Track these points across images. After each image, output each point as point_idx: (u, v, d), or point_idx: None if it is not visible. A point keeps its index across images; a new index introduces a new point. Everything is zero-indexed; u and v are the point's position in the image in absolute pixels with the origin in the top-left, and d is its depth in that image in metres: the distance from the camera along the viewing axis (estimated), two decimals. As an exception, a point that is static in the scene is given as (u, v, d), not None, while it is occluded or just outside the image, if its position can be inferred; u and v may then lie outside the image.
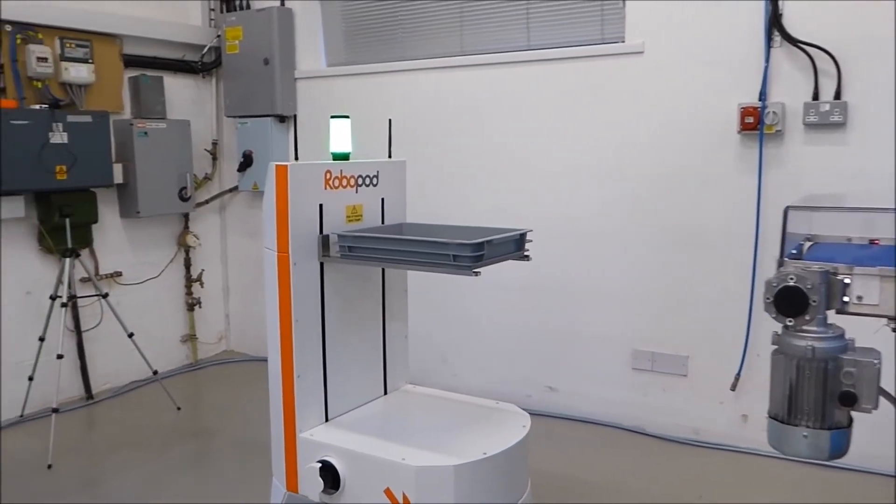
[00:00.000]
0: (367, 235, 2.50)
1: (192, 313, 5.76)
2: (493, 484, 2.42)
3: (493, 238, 2.35)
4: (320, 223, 2.57)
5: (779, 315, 1.75)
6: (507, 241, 2.48)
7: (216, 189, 5.85)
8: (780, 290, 1.73)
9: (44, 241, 4.69)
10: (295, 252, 2.49)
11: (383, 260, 2.45)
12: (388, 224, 2.85)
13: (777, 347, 1.80)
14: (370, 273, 2.81)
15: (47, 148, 4.45)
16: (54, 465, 3.97)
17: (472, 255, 2.25)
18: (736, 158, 4.02)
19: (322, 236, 2.56)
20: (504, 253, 2.48)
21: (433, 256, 2.31)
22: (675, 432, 4.31)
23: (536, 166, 4.59)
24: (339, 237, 2.53)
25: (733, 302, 4.08)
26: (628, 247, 4.36)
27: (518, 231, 2.53)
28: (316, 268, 2.57)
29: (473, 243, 2.25)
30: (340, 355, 2.69)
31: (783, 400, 1.77)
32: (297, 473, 2.57)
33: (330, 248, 2.57)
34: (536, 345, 4.69)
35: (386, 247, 2.44)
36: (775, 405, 1.79)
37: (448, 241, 2.29)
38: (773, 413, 1.80)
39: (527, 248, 2.58)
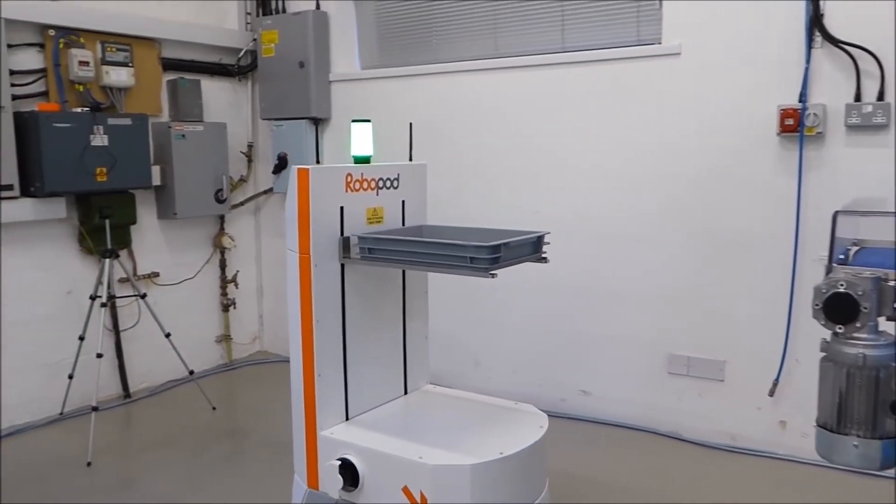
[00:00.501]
0: (386, 237, 2.53)
1: (226, 314, 5.82)
2: (509, 484, 2.44)
3: (510, 240, 2.37)
4: (341, 225, 2.59)
5: (828, 322, 1.72)
6: (525, 244, 2.50)
7: (251, 191, 5.91)
8: (830, 296, 1.69)
9: (84, 241, 4.77)
10: (316, 253, 2.52)
11: (402, 262, 2.48)
12: (408, 226, 2.86)
13: (826, 355, 1.77)
14: (391, 274, 2.83)
15: (88, 150, 4.53)
16: (94, 463, 4.03)
17: (489, 257, 2.26)
18: (775, 161, 3.97)
19: (343, 238, 2.59)
20: (521, 255, 2.49)
21: (451, 258, 2.34)
22: (712, 438, 4.26)
23: (572, 169, 4.57)
24: (360, 239, 2.56)
25: (772, 306, 4.03)
26: (665, 250, 4.32)
27: (535, 233, 2.54)
28: (337, 269, 2.60)
29: (490, 245, 2.27)
30: (361, 355, 2.71)
31: (832, 409, 1.73)
32: (317, 471, 2.60)
33: (350, 250, 2.59)
34: (570, 348, 4.67)
35: (405, 248, 2.46)
36: (824, 414, 1.76)
37: (465, 244, 2.32)
38: (822, 422, 1.77)
39: (544, 250, 2.59)
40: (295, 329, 2.59)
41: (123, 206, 4.86)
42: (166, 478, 3.90)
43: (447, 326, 4.78)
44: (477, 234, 2.63)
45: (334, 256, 2.59)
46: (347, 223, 2.61)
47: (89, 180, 4.56)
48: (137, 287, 4.77)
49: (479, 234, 2.62)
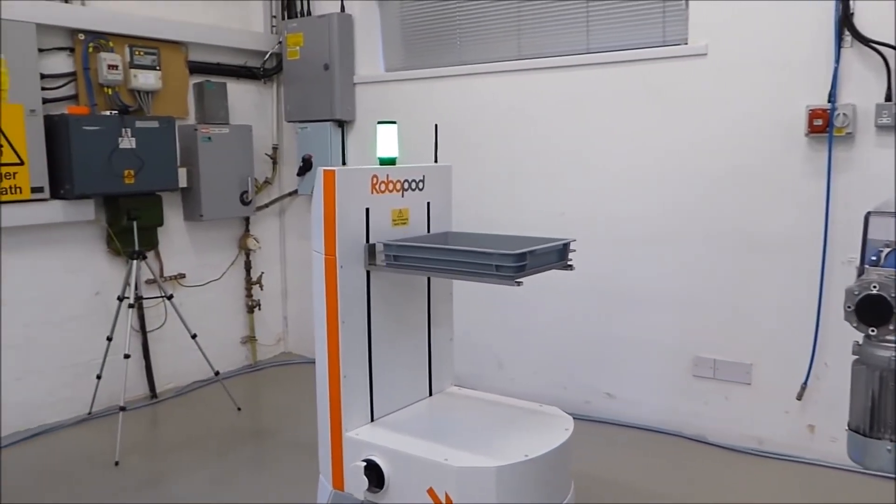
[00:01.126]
0: (412, 245, 2.53)
1: (251, 315, 5.86)
2: (534, 486, 2.43)
3: (536, 248, 2.38)
4: (367, 227, 2.60)
5: (860, 324, 1.69)
6: (551, 251, 2.51)
7: (276, 193, 5.95)
8: (863, 298, 1.67)
9: (112, 243, 4.83)
10: (342, 255, 2.53)
11: (427, 269, 2.49)
12: (434, 233, 2.87)
13: (858, 358, 1.75)
14: (416, 277, 2.83)
15: (116, 153, 4.58)
16: (121, 463, 4.08)
17: (515, 265, 2.28)
18: (803, 162, 3.92)
19: (368, 245, 2.60)
20: (547, 263, 2.50)
21: (477, 266, 2.35)
22: (738, 442, 4.21)
23: (597, 171, 4.55)
24: (385, 246, 2.57)
25: (799, 309, 3.98)
26: (691, 251, 4.29)
27: (561, 241, 2.55)
28: (362, 271, 2.61)
29: (516, 254, 2.28)
30: (386, 357, 2.72)
31: (865, 412, 1.70)
32: (342, 472, 2.61)
33: (376, 257, 2.60)
34: (595, 351, 4.64)
35: (430, 256, 2.47)
36: (856, 417, 1.73)
37: (491, 252, 2.33)
38: (854, 426, 1.74)
39: (570, 257, 2.59)
40: (320, 330, 2.60)
41: (150, 207, 4.92)
42: (192, 477, 3.94)
43: (470, 328, 4.77)
44: (502, 241, 2.63)
45: (360, 258, 2.60)
46: (373, 225, 2.62)
47: (117, 182, 4.62)
48: (164, 288, 4.82)
49: (504, 241, 2.63)
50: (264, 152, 5.81)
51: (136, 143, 4.67)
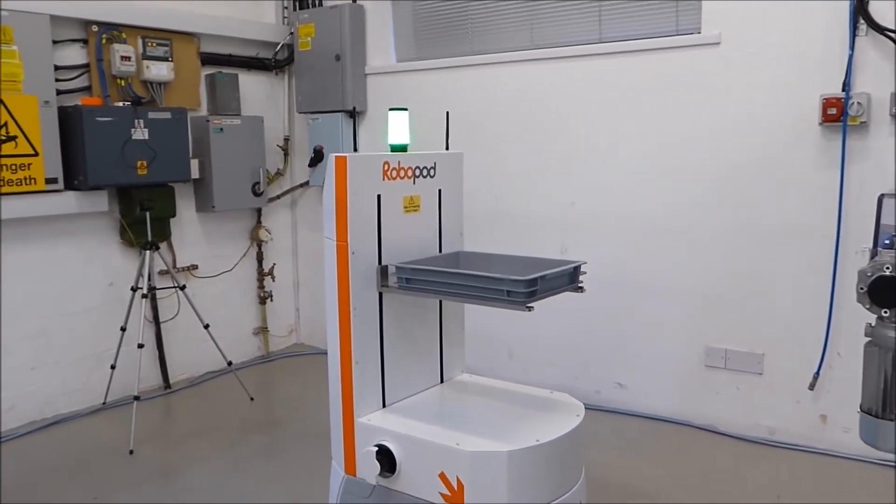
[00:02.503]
0: (424, 268, 2.55)
1: (263, 306, 5.89)
2: (545, 471, 2.44)
3: (547, 273, 2.40)
4: (378, 213, 2.60)
5: (873, 306, 1.69)
6: (562, 275, 2.52)
7: (287, 184, 5.97)
8: (875, 280, 1.66)
9: (125, 234, 4.86)
10: (353, 241, 2.53)
11: (439, 293, 2.52)
12: (445, 253, 2.88)
13: (870, 339, 1.74)
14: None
15: (129, 144, 4.61)
16: (136, 452, 4.11)
17: (526, 290, 2.30)
18: (817, 151, 3.90)
19: (381, 267, 2.62)
20: (558, 287, 2.53)
21: (488, 291, 2.38)
22: (749, 432, 4.20)
23: (609, 161, 4.54)
24: (398, 269, 2.59)
25: (812, 299, 3.96)
26: (703, 241, 4.28)
27: (572, 264, 2.57)
28: (374, 258, 2.61)
29: (527, 280, 2.30)
30: (397, 343, 2.73)
31: (877, 394, 1.70)
32: (354, 457, 2.62)
33: (388, 279, 2.63)
34: (606, 341, 4.64)
35: (442, 280, 2.50)
36: (868, 399, 1.73)
37: (502, 277, 2.35)
38: (867, 407, 1.74)
39: (581, 280, 2.62)
40: (332, 317, 2.61)
41: (163, 199, 4.94)
42: (206, 466, 3.97)
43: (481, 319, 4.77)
44: (514, 263, 2.67)
45: (372, 245, 2.61)
46: (384, 212, 2.63)
47: (130, 173, 4.64)
48: (177, 279, 4.85)
49: (516, 263, 2.67)
50: (276, 143, 5.83)
51: (148, 135, 4.70)
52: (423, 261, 2.68)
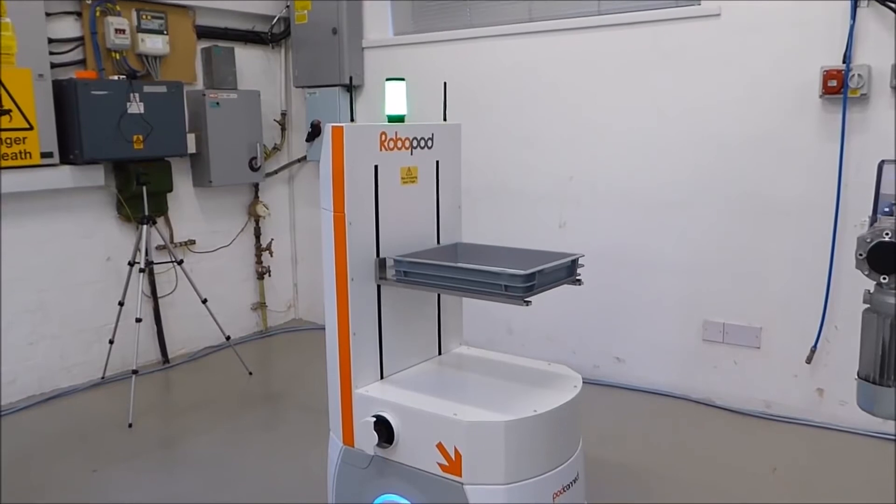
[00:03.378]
0: (422, 262, 2.55)
1: (261, 282, 5.89)
2: (543, 441, 2.44)
3: (545, 267, 2.41)
4: (375, 184, 2.58)
5: (872, 272, 1.68)
6: (559, 269, 2.53)
7: (285, 159, 5.94)
8: (875, 246, 1.65)
9: (122, 209, 4.84)
10: (351, 212, 2.52)
11: (437, 286, 2.52)
12: (443, 245, 2.87)
13: (869, 306, 1.74)
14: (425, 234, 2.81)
15: (125, 118, 4.58)
16: (135, 425, 4.12)
17: (524, 285, 2.31)
18: (817, 124, 3.88)
19: (379, 259, 2.61)
20: (556, 280, 2.53)
21: (486, 285, 2.38)
22: (746, 405, 4.22)
23: (607, 134, 4.51)
24: (395, 262, 2.58)
25: (810, 273, 3.96)
26: (701, 215, 4.27)
27: (570, 257, 2.58)
28: (371, 228, 2.60)
29: (525, 274, 2.30)
30: (395, 315, 2.72)
31: (875, 360, 1.70)
32: (352, 428, 2.63)
33: (387, 271, 2.62)
34: (604, 315, 4.64)
35: (440, 273, 2.50)
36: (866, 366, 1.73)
37: (500, 271, 2.36)
38: (864, 374, 1.74)
39: (579, 273, 2.63)
40: (330, 288, 2.60)
41: (160, 173, 4.92)
42: (206, 438, 3.98)
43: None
44: (512, 255, 2.68)
45: (369, 216, 2.59)
46: (382, 183, 2.61)
47: (126, 148, 4.62)
48: (174, 254, 4.83)
49: (514, 255, 2.67)
50: (273, 118, 5.79)
51: (144, 109, 4.66)
52: (421, 253, 2.67)
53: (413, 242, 2.76)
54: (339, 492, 2.72)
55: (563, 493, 2.52)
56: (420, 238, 2.81)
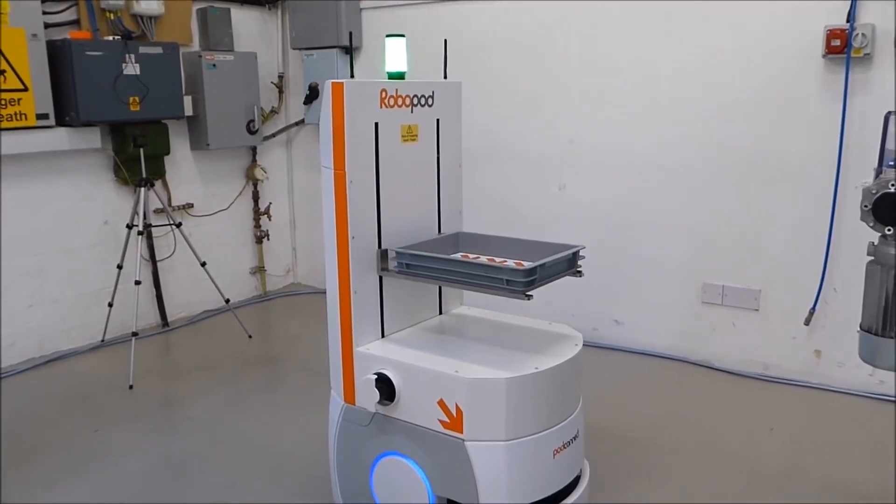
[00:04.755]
0: (423, 254, 2.55)
1: (260, 246, 5.87)
2: (543, 398, 2.45)
3: (546, 261, 2.42)
4: (376, 142, 2.56)
5: (877, 224, 1.67)
6: (560, 262, 2.54)
7: (282, 122, 5.89)
8: (880, 197, 1.65)
9: (119, 172, 4.81)
10: (351, 169, 2.50)
11: (439, 279, 2.54)
12: (444, 235, 2.86)
13: (873, 259, 1.73)
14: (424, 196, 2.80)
15: (121, 79, 4.53)
16: (135, 387, 4.14)
17: (525, 280, 2.33)
18: (819, 84, 3.85)
19: (381, 251, 2.61)
20: (557, 272, 2.55)
21: (487, 279, 2.40)
22: (744, 367, 4.24)
23: (607, 96, 4.48)
24: (397, 254, 2.58)
25: (810, 235, 3.96)
26: (702, 177, 4.25)
27: (570, 249, 2.58)
28: (372, 185, 2.58)
29: (525, 269, 2.32)
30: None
31: (877, 312, 1.70)
32: (353, 386, 2.63)
33: (388, 263, 2.62)
34: (603, 278, 4.64)
35: (442, 266, 2.51)
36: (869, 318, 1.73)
37: (501, 266, 2.41)
38: (867, 326, 1.74)
39: (580, 264, 2.64)
40: (330, 247, 2.59)
41: (157, 136, 4.88)
42: (207, 399, 4.00)
43: (479, 256, 4.78)
44: (513, 246, 2.71)
45: (369, 174, 2.57)
46: (382, 141, 2.59)
47: (123, 109, 4.57)
48: (172, 217, 4.81)
49: (515, 246, 2.70)
50: (270, 80, 5.73)
51: (140, 70, 4.61)
52: (422, 245, 2.68)
53: (413, 203, 2.75)
54: (341, 449, 2.73)
55: (563, 450, 2.54)
56: (421, 198, 2.79)
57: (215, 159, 5.48)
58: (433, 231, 2.87)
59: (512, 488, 2.41)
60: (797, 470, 3.18)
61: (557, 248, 2.58)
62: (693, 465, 3.24)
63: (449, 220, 2.93)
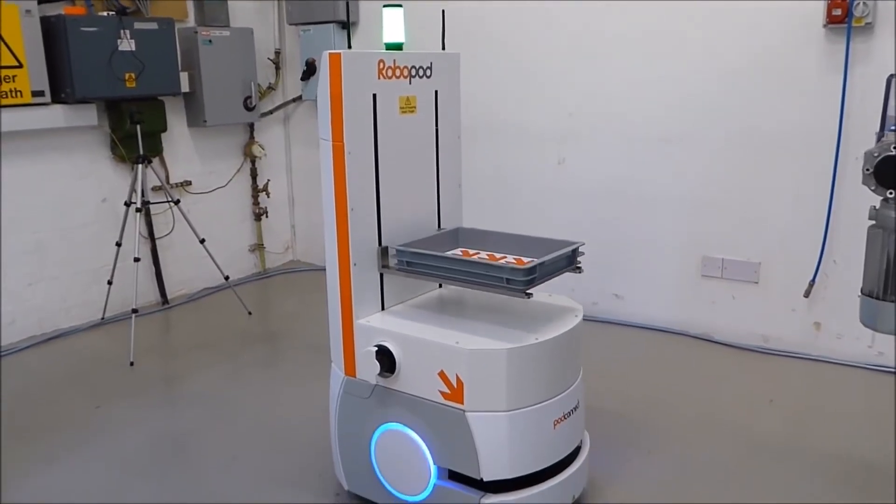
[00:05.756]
0: (424, 252, 2.56)
1: (259, 223, 5.86)
2: (544, 369, 2.46)
3: (545, 259, 2.44)
4: (374, 113, 2.54)
5: (879, 187, 1.66)
6: (560, 259, 2.54)
7: (280, 99, 5.86)
8: (882, 160, 1.63)
9: (116, 149, 4.78)
10: (349, 141, 2.48)
11: (439, 276, 2.56)
12: (444, 231, 2.86)
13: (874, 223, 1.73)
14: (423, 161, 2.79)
15: (116, 55, 4.49)
16: (136, 363, 4.14)
17: (525, 279, 2.35)
18: (820, 55, 3.82)
19: (381, 248, 2.61)
20: (557, 269, 2.55)
21: (487, 277, 2.43)
22: (744, 340, 4.25)
23: (606, 68, 4.44)
24: (398, 252, 2.59)
25: (810, 206, 3.95)
26: (701, 150, 4.23)
27: (570, 246, 2.59)
28: (371, 157, 2.56)
29: (525, 268, 2.34)
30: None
31: (879, 275, 1.69)
32: (354, 359, 2.63)
33: (389, 260, 2.63)
34: (603, 252, 4.62)
35: (443, 265, 2.53)
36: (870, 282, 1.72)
37: (502, 265, 2.43)
38: (868, 290, 1.74)
39: (579, 261, 2.65)
40: (329, 219, 2.58)
41: (153, 112, 4.85)
42: (207, 376, 4.00)
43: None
44: (513, 242, 2.72)
45: (368, 145, 2.56)
46: (380, 112, 2.57)
47: (118, 86, 4.54)
48: (170, 193, 4.79)
49: (515, 242, 2.71)
50: (267, 57, 5.69)
51: (135, 46, 4.57)
52: (423, 242, 2.68)
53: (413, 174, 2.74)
54: (342, 422, 2.74)
55: (563, 420, 2.54)
56: (419, 171, 2.78)
57: (213, 136, 5.45)
58: (432, 202, 2.86)
59: (513, 458, 2.43)
60: (796, 440, 3.20)
61: (557, 245, 2.60)
62: (693, 436, 3.25)
63: (448, 194, 2.91)
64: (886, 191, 1.64)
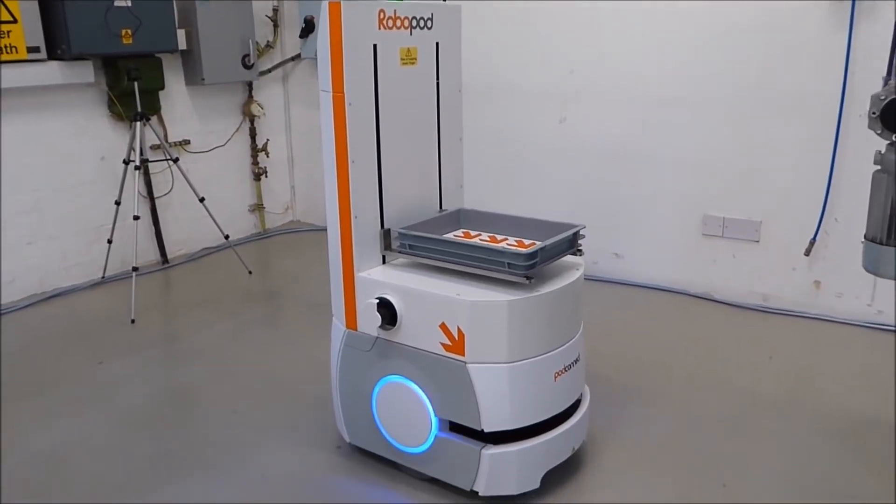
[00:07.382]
0: (426, 236, 2.56)
1: (258, 183, 5.84)
2: (545, 321, 2.46)
3: (546, 244, 2.44)
4: (375, 64, 2.52)
5: (885, 131, 1.65)
6: (561, 242, 2.56)
7: (278, 57, 5.79)
8: (889, 103, 1.62)
9: (114, 107, 4.74)
10: (350, 92, 2.46)
11: (442, 259, 2.56)
12: (445, 212, 2.85)
13: (879, 168, 1.71)
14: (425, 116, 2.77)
15: (112, 11, 4.43)
16: (137, 321, 4.15)
17: (526, 263, 2.36)
18: (825, 12, 3.77)
19: (384, 230, 2.61)
20: (559, 252, 2.57)
21: (489, 262, 2.44)
22: (745, 299, 4.26)
23: (608, 26, 4.39)
24: (400, 234, 2.58)
25: (812, 165, 3.93)
26: (703, 109, 4.20)
27: (571, 229, 2.60)
28: (371, 110, 2.54)
29: (527, 253, 2.35)
30: (398, 201, 2.69)
31: (883, 220, 1.69)
32: (355, 312, 2.64)
33: (392, 242, 2.63)
34: (603, 211, 4.62)
35: (445, 248, 2.54)
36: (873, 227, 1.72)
37: (503, 249, 2.43)
38: (871, 235, 1.73)
39: (580, 244, 2.67)
40: (330, 172, 2.56)
41: (151, 70, 4.80)
42: (209, 333, 4.02)
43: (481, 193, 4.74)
44: (514, 224, 2.74)
45: (369, 96, 2.53)
46: (381, 63, 2.54)
47: (115, 42, 4.48)
48: (169, 152, 4.76)
49: (518, 224, 2.73)
50: (264, 14, 5.61)
51: (131, 1, 4.51)
52: (423, 224, 2.68)
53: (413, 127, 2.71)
54: (343, 375, 2.75)
55: (564, 372, 2.55)
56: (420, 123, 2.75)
57: (211, 95, 5.40)
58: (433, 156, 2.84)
59: (513, 410, 2.44)
60: (795, 396, 3.22)
61: (559, 228, 2.61)
62: (691, 392, 3.27)
63: (449, 147, 2.89)
64: (892, 135, 1.63)
